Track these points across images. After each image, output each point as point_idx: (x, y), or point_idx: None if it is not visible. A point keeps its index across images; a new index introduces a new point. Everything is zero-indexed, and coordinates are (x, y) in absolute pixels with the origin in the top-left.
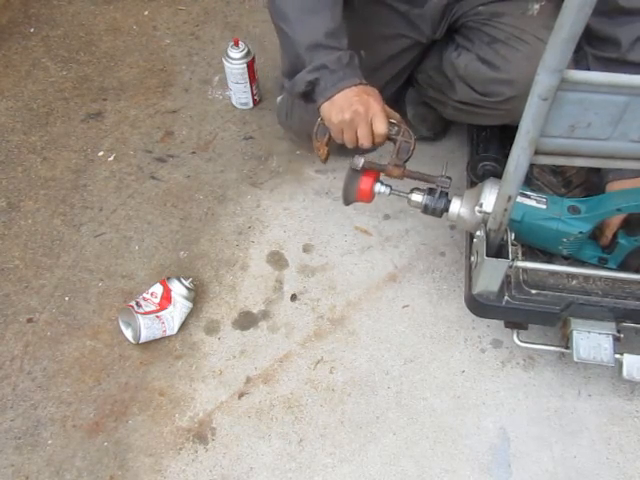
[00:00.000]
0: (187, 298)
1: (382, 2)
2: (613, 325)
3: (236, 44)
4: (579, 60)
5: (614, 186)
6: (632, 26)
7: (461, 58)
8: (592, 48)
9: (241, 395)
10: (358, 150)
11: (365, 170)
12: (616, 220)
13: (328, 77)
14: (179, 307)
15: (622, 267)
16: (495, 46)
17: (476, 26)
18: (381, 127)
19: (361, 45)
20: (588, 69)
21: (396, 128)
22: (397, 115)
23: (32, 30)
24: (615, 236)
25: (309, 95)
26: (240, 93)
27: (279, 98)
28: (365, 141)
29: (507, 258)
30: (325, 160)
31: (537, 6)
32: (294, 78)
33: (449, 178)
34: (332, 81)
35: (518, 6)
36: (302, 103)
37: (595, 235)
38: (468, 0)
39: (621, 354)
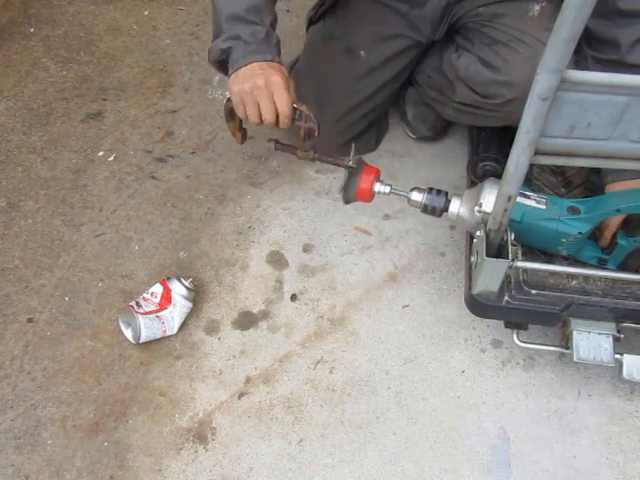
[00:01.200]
0: (187, 298)
1: (382, 2)
2: (613, 325)
3: None
4: (579, 61)
5: (614, 187)
6: (631, 28)
7: (461, 59)
8: (592, 50)
9: (241, 395)
10: (272, 131)
11: (363, 168)
12: (615, 221)
13: (240, 48)
14: (179, 307)
15: (621, 268)
16: (496, 47)
17: (476, 27)
18: (283, 103)
19: (360, 45)
20: (588, 70)
21: (298, 112)
22: (297, 101)
23: (32, 30)
24: (615, 237)
25: (224, 66)
26: None
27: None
28: (268, 115)
29: (507, 258)
30: (242, 142)
31: (537, 7)
32: (211, 46)
33: (360, 159)
34: (243, 53)
35: (518, 7)
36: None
37: (595, 236)
38: (468, 1)
39: (621, 354)
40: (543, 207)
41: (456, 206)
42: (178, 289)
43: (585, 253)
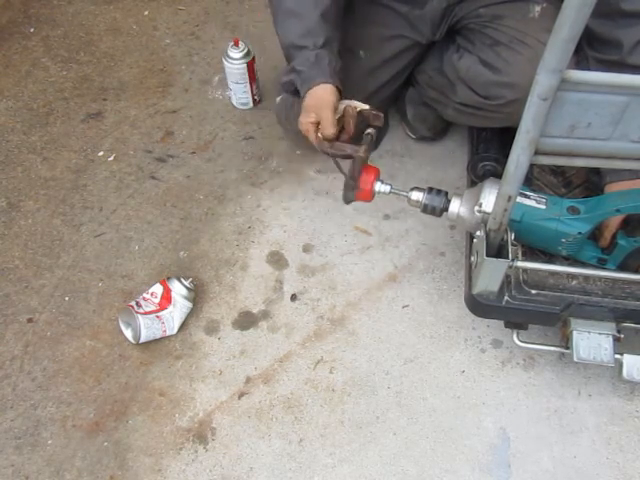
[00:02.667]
0: (187, 298)
1: (382, 3)
2: (613, 325)
3: (236, 44)
4: (580, 61)
5: (613, 188)
6: (634, 29)
7: (463, 60)
8: (593, 50)
9: (241, 395)
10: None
11: (365, 168)
12: (615, 221)
13: (298, 79)
14: (179, 307)
15: (621, 268)
16: (497, 49)
17: (477, 28)
18: (327, 127)
19: (361, 45)
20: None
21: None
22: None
23: (32, 30)
24: (614, 237)
25: (298, 93)
26: (240, 93)
27: (278, 98)
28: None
29: (507, 258)
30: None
31: (538, 8)
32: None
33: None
34: (301, 82)
35: (519, 9)
36: (301, 102)
37: (595, 236)
38: (468, 2)
39: (621, 354)
40: (543, 207)
41: (456, 206)
42: (178, 289)
43: (585, 253)
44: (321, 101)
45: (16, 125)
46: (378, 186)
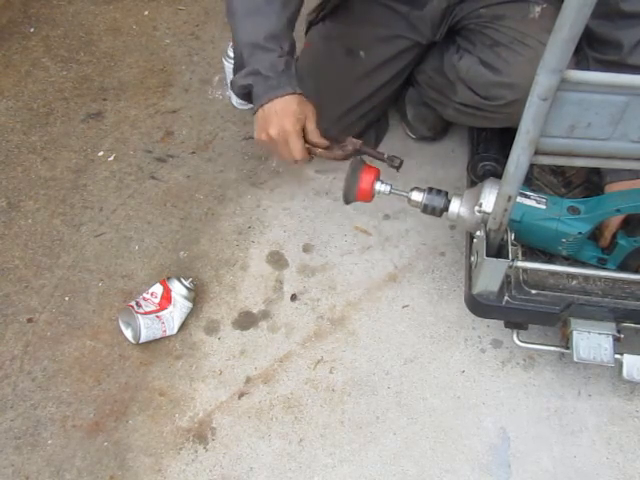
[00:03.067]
0: (187, 298)
1: (382, 3)
2: (613, 325)
3: None
4: (580, 61)
5: (612, 188)
6: (633, 30)
7: (463, 61)
8: (593, 51)
9: (241, 395)
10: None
11: (365, 169)
12: (615, 221)
13: (261, 84)
14: (179, 307)
15: (621, 268)
16: (497, 49)
17: (478, 29)
18: (296, 151)
19: (361, 45)
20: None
21: (347, 146)
22: (321, 140)
23: (32, 30)
24: (615, 237)
25: (248, 97)
26: None
27: None
28: (291, 160)
29: (507, 258)
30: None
31: (538, 9)
32: (232, 79)
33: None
34: (264, 89)
35: (519, 9)
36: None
37: (595, 236)
38: (469, 3)
39: (621, 354)
40: (543, 207)
41: (456, 206)
42: (178, 289)
43: (585, 253)
44: (289, 126)
45: (16, 125)
46: (378, 186)
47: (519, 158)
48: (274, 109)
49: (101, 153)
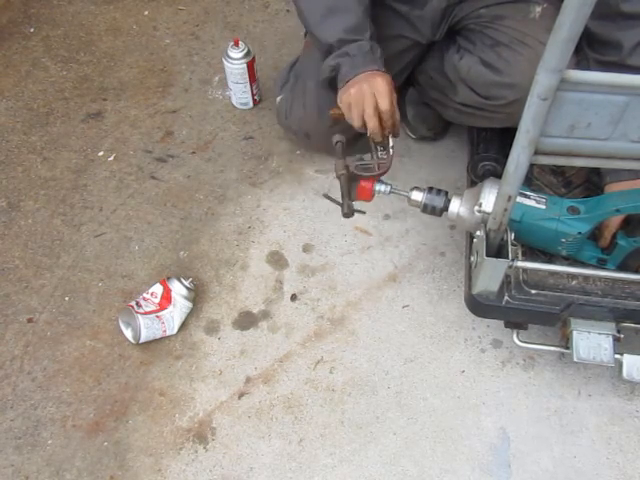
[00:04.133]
0: (187, 298)
1: (382, 3)
2: (613, 325)
3: (236, 44)
4: (580, 61)
5: (612, 188)
6: (634, 31)
7: (464, 61)
8: (593, 52)
9: (241, 395)
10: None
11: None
12: (615, 221)
13: (348, 62)
14: (179, 307)
15: (621, 268)
16: (498, 49)
17: (478, 29)
18: (384, 102)
19: None
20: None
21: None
22: (396, 118)
23: (32, 30)
24: (614, 237)
25: (333, 84)
26: (240, 93)
27: (278, 98)
28: (370, 111)
29: (507, 258)
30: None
31: (538, 9)
32: (323, 65)
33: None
34: (351, 66)
35: (519, 9)
36: (300, 103)
37: (594, 236)
38: (468, 3)
39: (621, 354)
40: (543, 207)
41: (456, 206)
42: (178, 289)
43: (585, 253)
44: (381, 81)
45: (16, 125)
46: (378, 186)
47: (519, 158)
48: (358, 79)
49: (101, 153)
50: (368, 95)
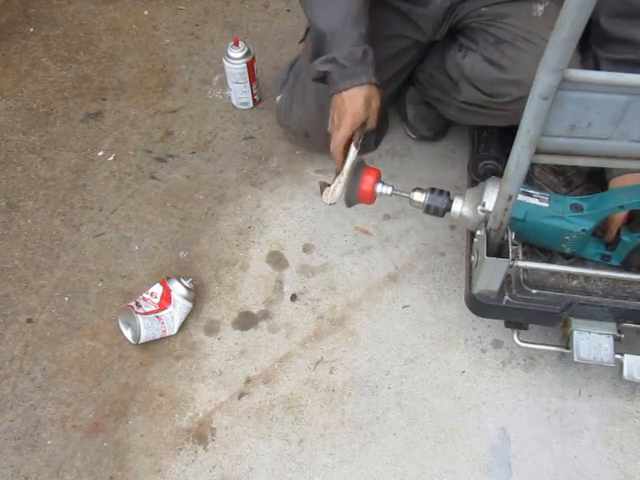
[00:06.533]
0: (187, 298)
1: (383, 2)
2: (614, 325)
3: (236, 44)
4: (584, 60)
5: (617, 182)
6: None
7: (467, 59)
8: (605, 51)
9: (241, 395)
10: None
11: (364, 170)
12: (620, 216)
13: (337, 72)
14: (179, 307)
15: (625, 264)
16: (501, 47)
17: (480, 27)
18: (332, 145)
19: None
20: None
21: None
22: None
23: (32, 30)
24: (618, 233)
25: (323, 81)
26: (240, 93)
27: (278, 98)
28: (334, 146)
29: (507, 257)
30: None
31: (541, 7)
32: (311, 64)
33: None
34: (340, 76)
35: (522, 7)
36: (300, 103)
37: (598, 232)
38: (470, 1)
39: (621, 354)
40: (546, 205)
41: (459, 206)
42: (178, 289)
43: (588, 250)
44: (348, 120)
45: (16, 125)
46: (379, 188)
47: (520, 157)
48: (344, 97)
49: (101, 153)
50: (346, 125)
